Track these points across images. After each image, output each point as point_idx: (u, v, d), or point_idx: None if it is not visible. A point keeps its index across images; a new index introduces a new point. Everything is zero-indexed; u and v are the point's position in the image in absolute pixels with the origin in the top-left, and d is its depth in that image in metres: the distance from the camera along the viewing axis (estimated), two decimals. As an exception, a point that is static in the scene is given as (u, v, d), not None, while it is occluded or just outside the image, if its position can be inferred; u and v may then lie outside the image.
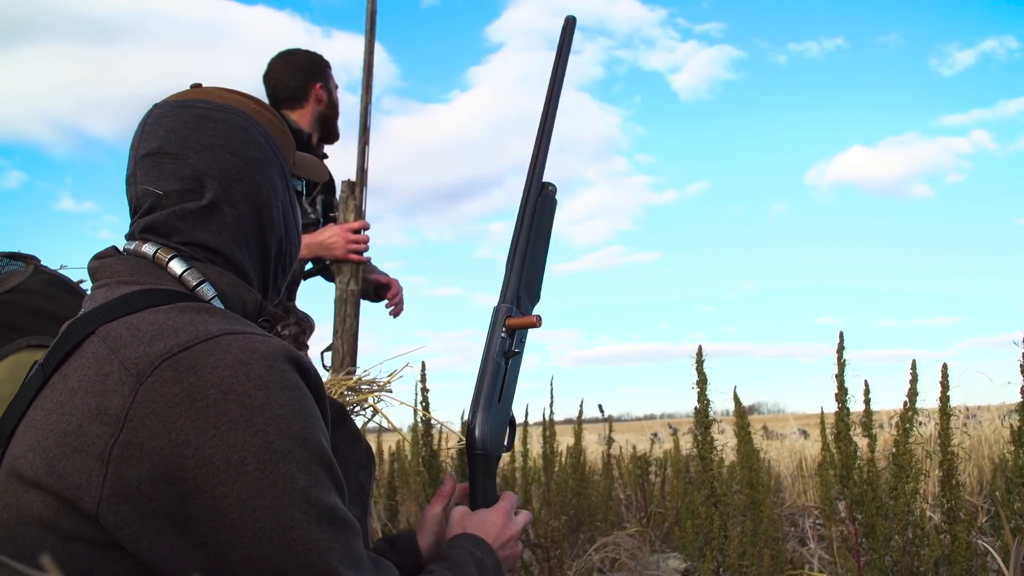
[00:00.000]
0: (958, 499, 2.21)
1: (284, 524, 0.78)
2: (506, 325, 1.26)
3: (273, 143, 1.07)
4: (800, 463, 5.80)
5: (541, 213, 1.33)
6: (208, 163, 0.99)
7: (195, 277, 0.95)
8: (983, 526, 3.17)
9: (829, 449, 2.63)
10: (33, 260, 1.37)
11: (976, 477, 4.04)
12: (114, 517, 0.77)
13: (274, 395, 0.81)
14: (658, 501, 4.46)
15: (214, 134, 1.00)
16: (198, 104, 1.03)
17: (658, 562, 3.69)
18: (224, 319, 0.88)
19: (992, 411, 5.29)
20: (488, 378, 1.23)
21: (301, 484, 0.79)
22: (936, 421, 2.29)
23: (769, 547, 2.43)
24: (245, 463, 0.77)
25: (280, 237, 1.07)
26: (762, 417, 19.31)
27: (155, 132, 1.00)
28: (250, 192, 1.01)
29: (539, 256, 1.33)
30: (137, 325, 0.85)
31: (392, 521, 3.38)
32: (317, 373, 0.90)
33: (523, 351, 1.28)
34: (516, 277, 1.30)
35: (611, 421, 4.89)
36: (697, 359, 2.38)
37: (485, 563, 1.07)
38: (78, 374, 0.83)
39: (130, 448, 0.77)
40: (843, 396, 2.43)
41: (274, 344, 0.85)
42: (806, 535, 3.78)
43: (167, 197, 0.98)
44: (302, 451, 0.80)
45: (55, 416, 0.82)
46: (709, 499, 2.40)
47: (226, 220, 0.99)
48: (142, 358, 0.81)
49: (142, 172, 0.99)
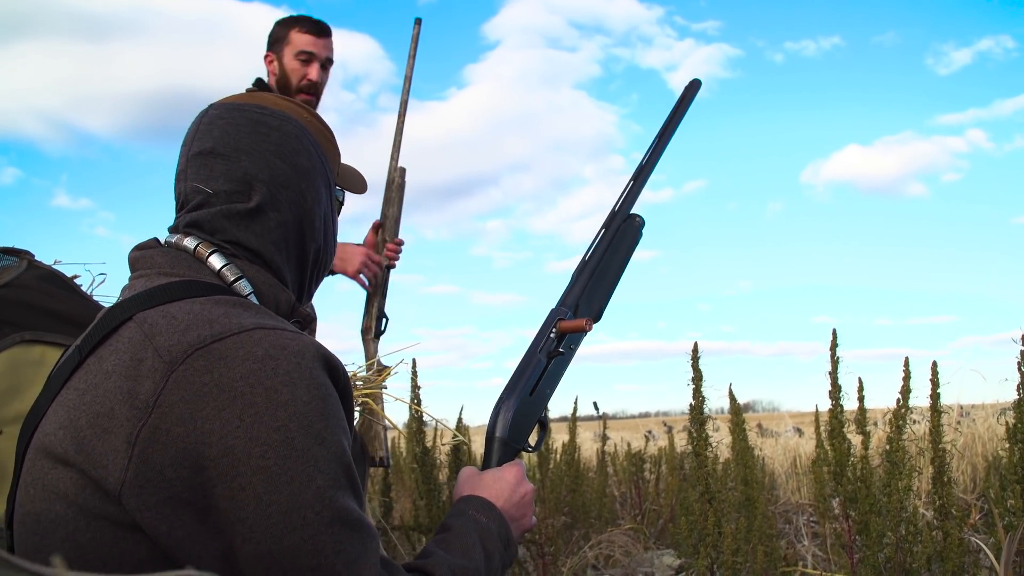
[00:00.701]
0: (950, 496, 2.22)
1: (295, 523, 0.78)
2: (556, 327, 1.26)
3: (321, 153, 1.10)
4: (795, 461, 5.82)
5: (621, 238, 1.34)
6: (259, 167, 1.01)
7: (233, 273, 0.97)
8: (976, 523, 3.18)
9: (823, 447, 2.64)
10: (27, 256, 1.37)
11: (970, 475, 4.05)
12: (136, 499, 0.78)
13: (300, 392, 0.82)
14: (653, 498, 4.47)
15: (267, 139, 1.03)
16: (254, 108, 1.05)
17: (652, 559, 3.70)
18: (258, 314, 0.89)
19: (987, 409, 5.31)
20: (525, 371, 1.23)
21: (317, 484, 0.80)
22: (929, 419, 2.30)
23: (763, 544, 2.44)
24: (265, 456, 0.78)
25: (319, 246, 1.09)
26: (757, 415, 19.34)
27: (209, 132, 1.03)
28: (296, 200, 1.04)
29: (608, 278, 1.33)
30: (173, 314, 0.86)
31: (386, 518, 3.39)
32: (346, 374, 0.91)
33: (571, 357, 1.28)
34: (580, 288, 1.30)
35: (605, 418, 4.89)
36: (693, 356, 2.39)
37: (490, 529, 1.05)
38: (113, 358, 0.85)
39: (157, 433, 0.79)
40: (837, 394, 2.44)
41: (305, 342, 0.86)
42: (800, 532, 3.79)
43: (216, 196, 1.00)
44: (322, 450, 0.81)
45: (88, 397, 0.84)
46: (704, 496, 2.41)
47: (269, 224, 1.01)
48: (176, 346, 0.82)
49: (193, 170, 1.02)
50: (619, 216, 1.35)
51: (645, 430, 11.14)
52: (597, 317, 1.32)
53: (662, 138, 1.42)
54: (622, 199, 1.37)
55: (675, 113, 1.43)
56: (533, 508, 1.18)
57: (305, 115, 1.10)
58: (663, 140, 1.42)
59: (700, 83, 1.48)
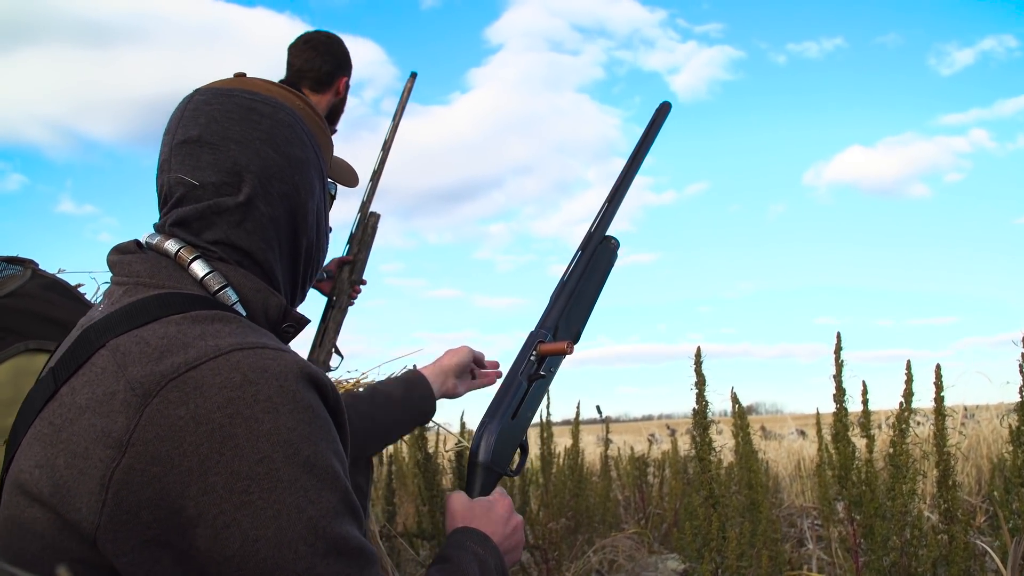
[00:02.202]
0: (955, 499, 2.21)
1: (288, 558, 0.75)
2: (536, 350, 1.26)
3: (315, 143, 1.03)
4: (798, 464, 5.81)
5: (597, 260, 1.36)
6: (249, 157, 0.94)
7: (217, 281, 0.90)
8: (982, 526, 3.17)
9: (827, 450, 2.64)
10: (31, 264, 1.37)
11: (975, 477, 4.04)
12: (111, 544, 0.75)
13: (283, 418, 0.77)
14: (656, 502, 4.46)
15: (258, 127, 0.96)
16: (244, 94, 0.98)
17: (656, 563, 3.69)
18: (238, 329, 0.84)
19: (991, 411, 5.29)
20: (506, 394, 1.23)
21: (308, 515, 0.76)
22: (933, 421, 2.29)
23: (768, 548, 2.44)
24: (249, 492, 0.74)
25: (311, 241, 1.03)
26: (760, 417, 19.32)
27: (196, 119, 0.95)
28: (288, 192, 0.97)
29: (587, 298, 1.34)
30: (147, 339, 0.81)
31: (390, 523, 3.38)
32: (335, 389, 0.86)
33: (550, 379, 1.28)
34: (559, 310, 1.31)
35: (608, 422, 4.89)
36: (696, 360, 2.38)
37: (488, 563, 1.03)
38: (86, 391, 0.80)
39: (131, 473, 0.74)
40: (841, 397, 2.43)
41: (287, 360, 0.81)
42: (804, 536, 3.78)
43: (202, 188, 0.93)
44: (310, 479, 0.77)
45: (64, 435, 0.79)
46: (708, 500, 2.41)
47: (262, 220, 0.95)
48: (148, 377, 0.77)
49: (178, 159, 0.94)
50: (595, 238, 1.36)
51: (648, 433, 11.13)
52: (576, 339, 1.32)
53: (634, 161, 1.42)
54: (597, 221, 1.37)
55: (646, 136, 1.45)
56: (523, 539, 1.17)
57: (298, 103, 1.03)
58: (635, 163, 1.42)
59: (670, 105, 1.49)
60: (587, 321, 1.35)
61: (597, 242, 1.36)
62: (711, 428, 2.45)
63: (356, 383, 2.07)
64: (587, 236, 1.36)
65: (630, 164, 1.42)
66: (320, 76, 2.50)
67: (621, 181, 1.40)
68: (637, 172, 1.43)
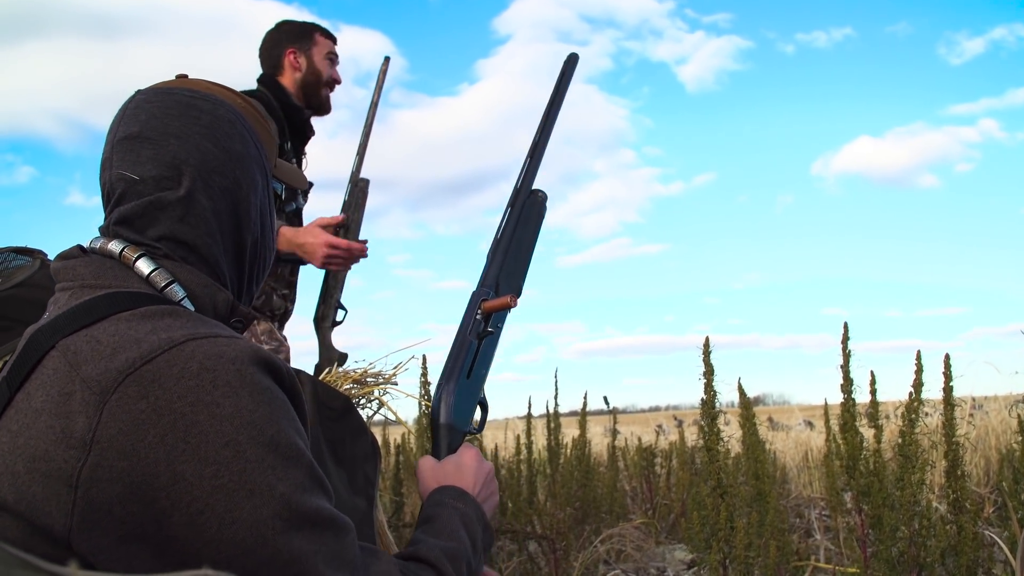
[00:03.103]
0: (964, 490, 2.21)
1: (265, 534, 0.75)
2: (481, 308, 1.29)
3: (257, 141, 1.04)
4: (806, 454, 5.80)
5: (528, 214, 1.40)
6: (188, 151, 0.95)
7: (163, 277, 0.91)
8: (990, 517, 3.17)
9: (835, 440, 2.63)
10: (40, 255, 1.37)
11: (983, 468, 4.03)
12: (87, 543, 0.75)
13: (243, 401, 0.78)
14: (664, 493, 4.46)
15: (197, 123, 0.97)
16: (184, 92, 0.99)
17: (664, 553, 3.70)
18: (188, 322, 0.84)
19: (999, 401, 5.28)
20: (459, 355, 1.26)
21: (280, 491, 0.77)
22: (942, 412, 2.29)
23: (775, 538, 2.44)
24: (219, 476, 0.75)
25: (256, 237, 1.03)
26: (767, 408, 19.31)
27: (136, 116, 0.96)
28: (229, 186, 0.98)
29: (523, 252, 1.38)
30: (98, 338, 0.81)
31: (398, 513, 3.39)
32: (290, 371, 0.86)
33: (499, 334, 1.31)
34: (496, 266, 1.34)
35: (615, 413, 4.89)
36: (704, 351, 2.38)
37: (469, 515, 1.05)
38: (40, 393, 0.80)
39: (99, 471, 0.74)
40: (848, 387, 2.43)
41: (241, 346, 0.81)
42: (812, 526, 3.78)
43: (142, 183, 0.93)
44: (276, 457, 0.78)
45: (22, 440, 0.78)
46: (715, 491, 2.41)
47: (204, 214, 0.95)
48: (104, 375, 0.77)
49: (118, 156, 0.95)
50: (523, 193, 1.40)
51: (655, 424, 11.13)
52: (518, 293, 1.36)
53: (548, 116, 1.47)
54: (522, 177, 1.42)
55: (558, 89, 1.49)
56: (496, 485, 1.19)
57: (239, 102, 1.04)
58: (550, 117, 1.47)
59: (578, 57, 1.55)
60: (526, 274, 1.39)
61: (525, 196, 1.40)
62: (719, 418, 2.45)
63: (364, 373, 2.08)
64: (514, 192, 1.41)
65: (545, 119, 1.46)
66: (270, 61, 2.60)
67: (539, 136, 1.44)
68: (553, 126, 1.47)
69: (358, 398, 1.93)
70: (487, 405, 1.30)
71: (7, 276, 1.29)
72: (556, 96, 1.49)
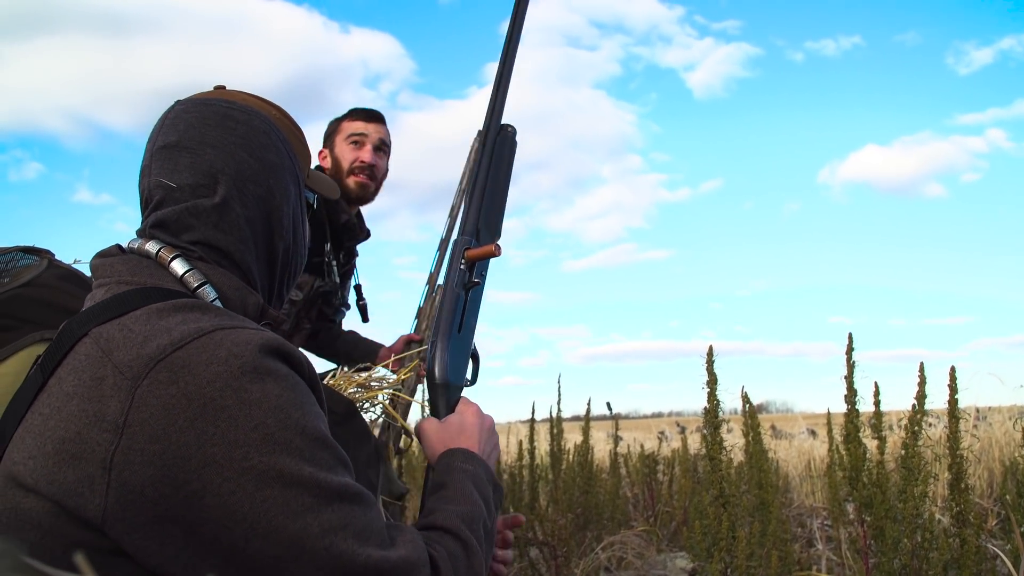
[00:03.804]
0: (967, 503, 2.20)
1: (296, 509, 0.78)
2: (465, 257, 1.27)
3: (291, 151, 1.07)
4: (809, 463, 5.79)
5: (500, 150, 1.36)
6: (224, 160, 0.99)
7: (197, 278, 0.94)
8: (993, 529, 3.16)
9: (838, 451, 2.63)
10: (47, 254, 1.37)
11: (986, 479, 4.02)
12: (120, 524, 0.76)
13: (270, 386, 0.81)
14: (666, 500, 4.45)
15: (233, 133, 1.01)
16: (221, 103, 1.03)
17: (665, 561, 3.69)
18: (216, 315, 0.87)
19: (1003, 412, 5.26)
20: (447, 309, 1.25)
21: (307, 471, 0.80)
22: (946, 423, 2.28)
23: (777, 548, 2.43)
24: (248, 458, 0.78)
25: (288, 245, 1.06)
26: (770, 416, 19.27)
27: (175, 126, 1.00)
28: (263, 195, 1.01)
29: (499, 192, 1.35)
30: (129, 326, 0.84)
31: (400, 517, 3.39)
32: (309, 363, 0.90)
33: (484, 283, 1.30)
34: (475, 211, 1.32)
35: (617, 419, 4.88)
36: (708, 359, 2.38)
37: (479, 476, 1.08)
38: (73, 378, 0.83)
39: (131, 454, 0.76)
40: (852, 398, 2.42)
41: (267, 336, 0.84)
42: (814, 536, 3.77)
43: (179, 191, 0.97)
44: (303, 440, 0.81)
45: (53, 422, 0.81)
46: (718, 500, 2.40)
47: (238, 221, 0.99)
48: (135, 360, 0.80)
49: (157, 164, 0.99)
50: (492, 131, 1.37)
51: (658, 430, 11.11)
52: (497, 234, 1.34)
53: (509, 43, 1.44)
54: (489, 114, 1.39)
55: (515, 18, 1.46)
56: (498, 436, 1.22)
57: (275, 113, 1.08)
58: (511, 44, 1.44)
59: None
60: (503, 213, 1.36)
61: (495, 134, 1.37)
62: (722, 427, 2.45)
63: (368, 376, 2.08)
64: (483, 131, 1.38)
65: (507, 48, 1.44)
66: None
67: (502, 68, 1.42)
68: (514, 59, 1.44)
69: (362, 402, 1.93)
70: (479, 356, 1.29)
71: (14, 275, 1.29)
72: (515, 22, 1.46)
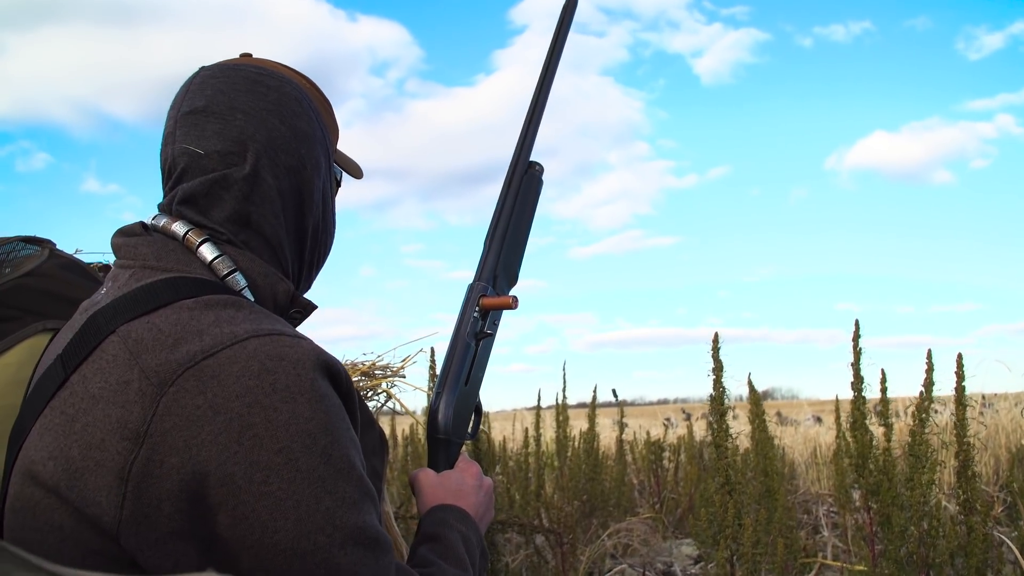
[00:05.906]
0: (975, 490, 2.19)
1: (306, 548, 0.74)
2: (479, 305, 1.20)
3: (322, 122, 1.01)
4: (814, 450, 5.79)
5: (526, 192, 1.28)
6: (255, 127, 0.93)
7: (226, 265, 0.89)
8: (999, 516, 3.15)
9: (844, 438, 2.62)
10: (49, 244, 1.37)
11: (992, 467, 4.01)
12: (135, 538, 0.74)
13: (300, 408, 0.76)
14: (671, 487, 4.46)
15: (265, 99, 0.94)
16: (251, 68, 0.97)
17: (671, 549, 3.69)
18: (252, 316, 0.83)
19: (1010, 399, 5.25)
20: (456, 359, 1.18)
21: (326, 505, 0.76)
22: (953, 410, 2.27)
23: (783, 535, 2.43)
24: (268, 482, 0.74)
25: (317, 221, 1.01)
26: (776, 403, 19.27)
27: (202, 91, 0.94)
28: (295, 165, 0.96)
29: (520, 236, 1.28)
30: (159, 326, 0.80)
31: (406, 505, 3.40)
32: (349, 378, 0.85)
33: (496, 333, 1.23)
34: (495, 256, 1.24)
35: (623, 406, 4.87)
36: (713, 346, 2.37)
37: (471, 540, 1.03)
38: (98, 379, 0.79)
39: (150, 465, 0.73)
40: (859, 385, 2.41)
41: (305, 348, 0.80)
42: (820, 523, 3.77)
43: (207, 158, 0.91)
44: (328, 469, 0.77)
45: (79, 425, 0.78)
46: (724, 487, 2.40)
47: (269, 192, 0.93)
48: (163, 365, 0.76)
49: (183, 130, 0.92)
50: (520, 167, 1.28)
51: (664, 417, 11.12)
52: (514, 280, 1.27)
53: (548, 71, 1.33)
54: (519, 150, 1.29)
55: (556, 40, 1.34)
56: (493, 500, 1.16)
57: (305, 83, 1.02)
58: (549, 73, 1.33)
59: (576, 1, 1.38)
60: (522, 260, 1.29)
61: (522, 171, 1.28)
62: (727, 414, 2.44)
63: (372, 365, 2.07)
64: (511, 169, 1.28)
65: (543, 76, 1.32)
66: None
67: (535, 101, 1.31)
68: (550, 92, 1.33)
69: (366, 390, 1.93)
70: (481, 409, 1.24)
71: (15, 265, 1.29)
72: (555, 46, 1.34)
